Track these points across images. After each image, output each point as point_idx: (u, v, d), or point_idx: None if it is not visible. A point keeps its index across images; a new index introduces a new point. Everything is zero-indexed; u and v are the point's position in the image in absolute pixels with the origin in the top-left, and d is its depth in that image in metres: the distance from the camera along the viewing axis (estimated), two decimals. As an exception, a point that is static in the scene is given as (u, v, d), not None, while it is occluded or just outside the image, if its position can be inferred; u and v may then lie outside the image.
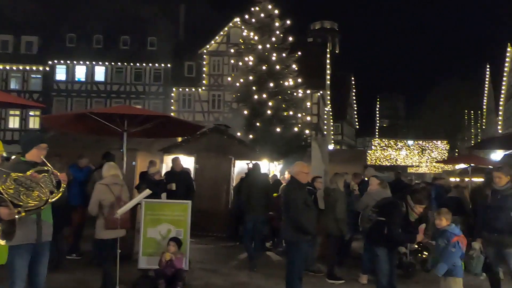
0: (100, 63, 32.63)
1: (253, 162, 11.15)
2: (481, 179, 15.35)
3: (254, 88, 19.23)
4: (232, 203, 10.61)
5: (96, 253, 6.44)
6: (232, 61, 26.43)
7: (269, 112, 18.66)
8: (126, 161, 7.33)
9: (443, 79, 75.31)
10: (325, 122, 38.10)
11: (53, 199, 3.79)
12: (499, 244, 5.43)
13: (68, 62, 32.54)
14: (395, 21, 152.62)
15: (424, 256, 7.51)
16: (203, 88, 31.82)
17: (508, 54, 36.25)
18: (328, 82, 35.94)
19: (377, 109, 69.24)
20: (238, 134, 17.52)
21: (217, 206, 10.71)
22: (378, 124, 67.34)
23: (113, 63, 32.69)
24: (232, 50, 25.83)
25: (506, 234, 5.38)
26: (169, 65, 32.32)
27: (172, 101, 32.73)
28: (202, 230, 10.58)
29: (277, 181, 10.72)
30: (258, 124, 18.73)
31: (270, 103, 18.75)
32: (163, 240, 6.50)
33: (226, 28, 31.60)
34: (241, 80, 19.73)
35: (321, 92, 32.39)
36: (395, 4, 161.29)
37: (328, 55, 35.90)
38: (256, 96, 18.95)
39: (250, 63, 19.71)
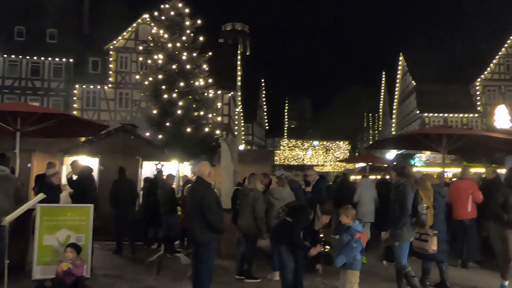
0: (-10, 55, 29.45)
1: (161, 163, 10.93)
2: (379, 176, 16.68)
3: (163, 87, 18.73)
4: (140, 205, 10.24)
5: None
6: (141, 59, 25.60)
7: (179, 112, 18.30)
8: (19, 163, 6.72)
9: (345, 84, 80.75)
10: (236, 122, 38.54)
11: None
12: (391, 237, 5.93)
13: (-49, 52, 28.90)
14: (304, 28, 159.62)
15: (326, 250, 7.94)
16: (110, 85, 30.29)
17: (400, 62, 39.97)
18: (239, 83, 36.40)
19: (285, 110, 71.78)
20: (147, 134, 16.97)
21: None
22: (286, 125, 69.85)
23: (5, 55, 29.69)
24: (140, 47, 24.99)
25: (393, 227, 5.89)
26: (71, 60, 30.21)
27: (74, 98, 30.63)
28: (107, 234, 10.08)
29: (188, 181, 10.59)
30: (168, 124, 18.30)
31: (180, 103, 18.40)
32: (62, 247, 6.05)
33: (134, 24, 30.45)
34: (150, 79, 19.10)
35: (232, 93, 32.67)
36: (304, 12, 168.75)
37: (239, 57, 36.36)
38: (165, 96, 18.48)
39: (160, 61, 19.17)
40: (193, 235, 5.19)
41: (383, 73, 46.75)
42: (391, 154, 30.53)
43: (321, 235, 7.34)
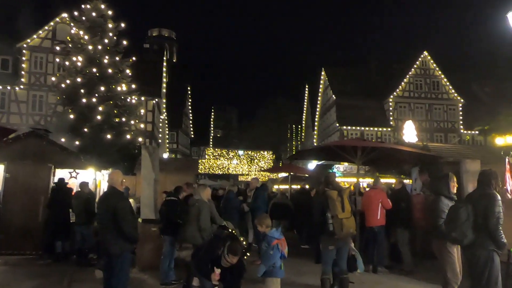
0: None
1: (76, 171, 10.35)
2: (299, 186, 17.21)
3: (82, 91, 17.87)
4: (43, 216, 9.48)
5: None
6: (58, 60, 24.10)
7: (99, 117, 17.55)
8: None
9: (271, 96, 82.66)
10: (160, 130, 37.69)
11: None
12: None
13: None
14: (232, 39, 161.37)
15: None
16: (22, 86, 28.04)
17: (322, 77, 41.87)
18: (164, 90, 35.72)
19: (211, 119, 71.67)
20: (62, 140, 16.00)
21: (32, 220, 9.50)
22: (212, 134, 69.72)
23: None
24: (58, 48, 23.62)
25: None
26: (-24, 57, 27.61)
27: (-21, 99, 27.96)
28: (12, 248, 9.29)
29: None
30: (86, 130, 17.42)
31: (100, 108, 17.65)
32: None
33: (52, 23, 28.57)
34: (68, 81, 18.13)
35: (156, 99, 31.94)
36: (232, 22, 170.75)
37: (165, 63, 35.74)
38: (84, 100, 17.64)
39: (79, 63, 18.29)
40: (105, 247, 4.93)
41: (306, 86, 48.62)
42: (312, 165, 31.71)
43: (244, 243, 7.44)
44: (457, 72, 38.15)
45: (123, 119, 18.80)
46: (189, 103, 51.53)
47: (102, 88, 18.04)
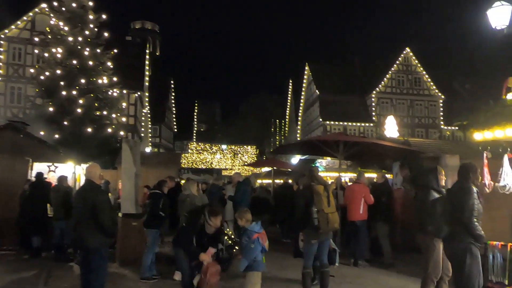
0: None
1: (55, 165, 10.15)
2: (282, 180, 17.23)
3: (62, 83, 17.47)
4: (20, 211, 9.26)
5: None
6: (37, 51, 23.54)
7: (79, 110, 17.20)
8: None
9: (255, 90, 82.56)
10: (143, 124, 37.27)
11: None
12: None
13: None
14: (216, 34, 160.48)
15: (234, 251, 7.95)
16: (0, 78, 27.37)
17: (306, 72, 41.97)
18: (147, 84, 35.28)
19: (195, 113, 71.21)
20: (41, 133, 15.66)
21: (8, 215, 9.28)
22: (196, 128, 69.32)
23: None
24: (36, 39, 23.06)
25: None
26: (-49, 47, 26.79)
27: (-45, 91, 27.18)
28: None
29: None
30: (66, 123, 17.07)
31: (80, 101, 17.30)
32: None
33: (30, 13, 27.87)
34: (47, 73, 17.71)
35: (139, 93, 31.53)
36: (217, 17, 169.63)
37: (148, 56, 35.27)
38: (64, 92, 17.25)
39: (59, 55, 17.87)
40: (82, 242, 4.82)
41: (290, 81, 48.70)
42: (295, 159, 31.82)
43: (228, 237, 7.40)
44: (439, 68, 38.72)
45: (104, 112, 18.49)
46: (172, 97, 51.05)
47: (83, 81, 17.68)
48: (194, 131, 67.54)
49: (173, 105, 52.12)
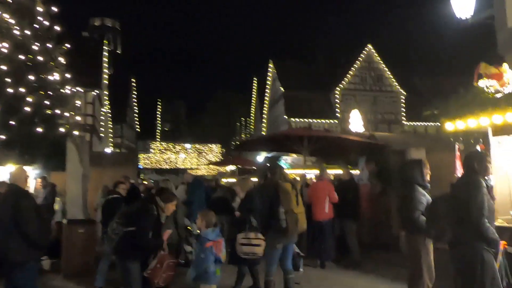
0: None
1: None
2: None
3: (8, 79, 16.26)
4: None
5: None
6: (-19, 46, 22.00)
7: (28, 109, 16.04)
8: None
9: (219, 89, 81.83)
10: (103, 123, 35.85)
11: None
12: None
13: None
14: (179, 31, 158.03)
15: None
16: None
17: (270, 69, 41.67)
18: (106, 82, 33.94)
19: (158, 112, 69.71)
20: (-15, 133, 14.47)
21: None
22: (160, 128, 67.85)
23: None
24: (-19, 33, 21.52)
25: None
26: None
27: None
28: None
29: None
30: (13, 122, 15.89)
31: (29, 99, 16.15)
32: None
33: (-25, 6, 26.12)
34: (-8, 69, 16.44)
35: (97, 91, 30.23)
36: (179, 14, 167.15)
37: (107, 54, 33.91)
38: (11, 90, 16.04)
39: (4, 50, 16.62)
40: (6, 255, 4.11)
41: (254, 79, 48.29)
42: (260, 157, 31.44)
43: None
44: (400, 65, 39.35)
45: (57, 111, 17.37)
46: (134, 96, 49.58)
47: (32, 77, 16.52)
48: (158, 131, 66.06)
49: (135, 103, 50.63)
